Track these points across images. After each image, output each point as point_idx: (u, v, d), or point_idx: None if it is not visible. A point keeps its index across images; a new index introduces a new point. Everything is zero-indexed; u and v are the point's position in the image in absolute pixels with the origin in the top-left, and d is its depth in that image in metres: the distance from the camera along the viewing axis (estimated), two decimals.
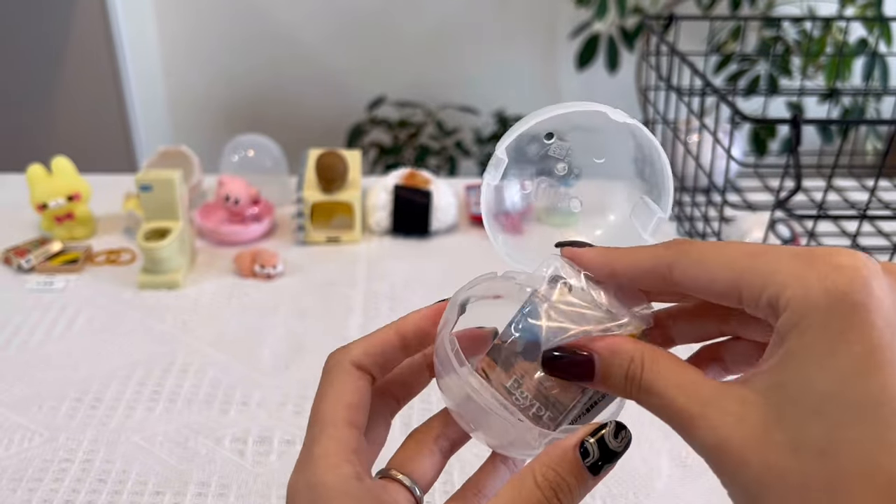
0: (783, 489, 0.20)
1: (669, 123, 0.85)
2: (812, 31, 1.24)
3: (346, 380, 0.30)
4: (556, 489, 0.24)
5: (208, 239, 0.78)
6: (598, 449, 0.25)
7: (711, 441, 0.22)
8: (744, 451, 0.21)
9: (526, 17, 1.71)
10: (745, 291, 0.23)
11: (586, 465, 0.25)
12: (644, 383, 0.24)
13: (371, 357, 0.30)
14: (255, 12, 1.69)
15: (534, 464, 0.25)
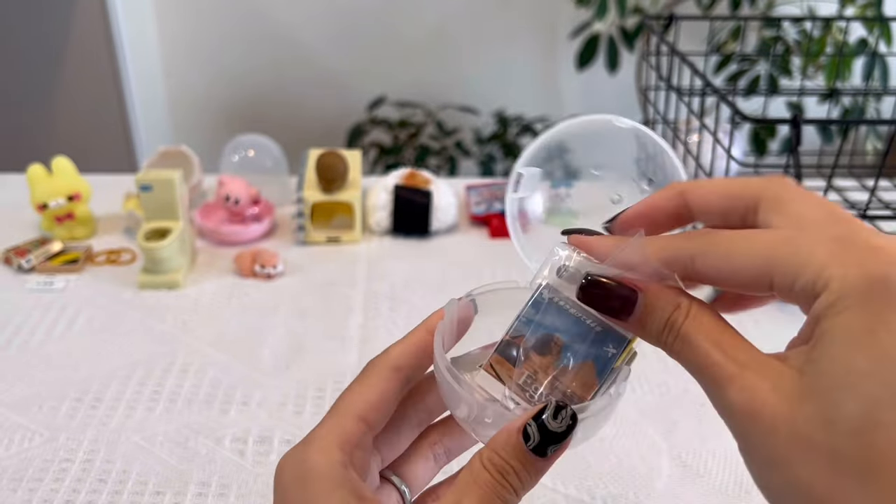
0: (811, 461, 0.20)
1: (669, 123, 0.85)
2: (812, 31, 1.24)
3: (374, 379, 0.29)
4: (503, 472, 0.25)
5: (208, 239, 0.78)
6: (538, 431, 0.25)
7: (742, 402, 0.22)
8: (775, 419, 0.21)
9: (526, 17, 1.71)
10: (777, 278, 0.23)
11: (529, 448, 0.25)
12: (683, 332, 0.24)
13: (408, 358, 0.30)
14: (256, 12, 1.69)
15: (482, 449, 0.26)
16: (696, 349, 0.24)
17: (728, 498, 0.49)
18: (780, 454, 0.21)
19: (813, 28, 1.24)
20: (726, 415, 0.23)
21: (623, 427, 0.54)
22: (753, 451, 0.22)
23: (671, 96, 0.82)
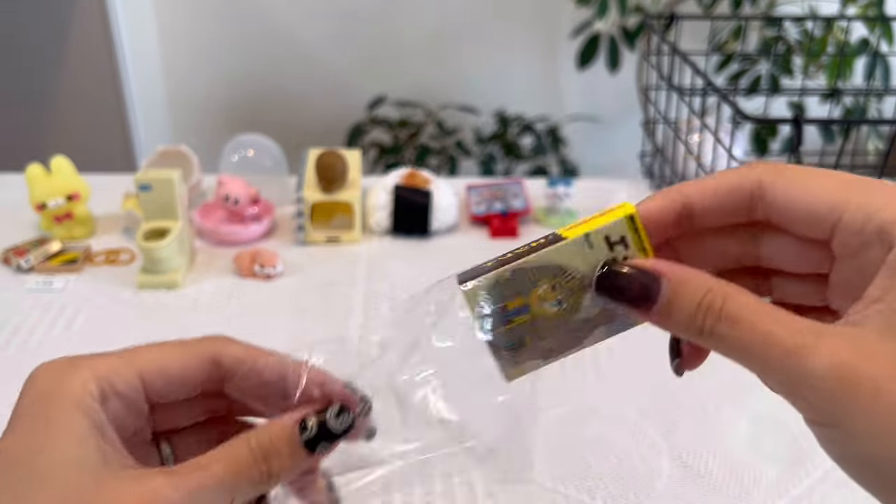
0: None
1: (671, 123, 0.85)
2: (813, 30, 1.24)
3: (188, 356, 0.27)
4: (267, 455, 0.25)
5: (208, 239, 0.78)
6: (317, 427, 0.26)
7: (831, 368, 0.20)
8: (878, 381, 0.20)
9: (526, 17, 1.71)
10: (846, 216, 0.22)
11: (303, 440, 0.25)
12: (727, 313, 0.22)
13: (238, 362, 0.28)
14: (256, 12, 1.69)
15: (256, 429, 0.26)
16: (752, 327, 0.22)
17: (729, 498, 0.48)
18: (886, 418, 0.20)
19: (814, 28, 1.23)
20: (808, 387, 0.21)
21: (623, 427, 0.54)
22: (851, 420, 0.20)
23: (672, 96, 0.82)
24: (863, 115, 1.24)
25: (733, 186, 0.24)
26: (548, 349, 0.27)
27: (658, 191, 0.26)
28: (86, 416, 0.24)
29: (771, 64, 1.28)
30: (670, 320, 0.24)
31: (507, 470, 0.28)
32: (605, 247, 0.25)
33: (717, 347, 0.23)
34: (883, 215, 0.21)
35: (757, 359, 0.22)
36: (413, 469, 0.30)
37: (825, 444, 0.22)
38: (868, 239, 0.22)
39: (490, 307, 0.27)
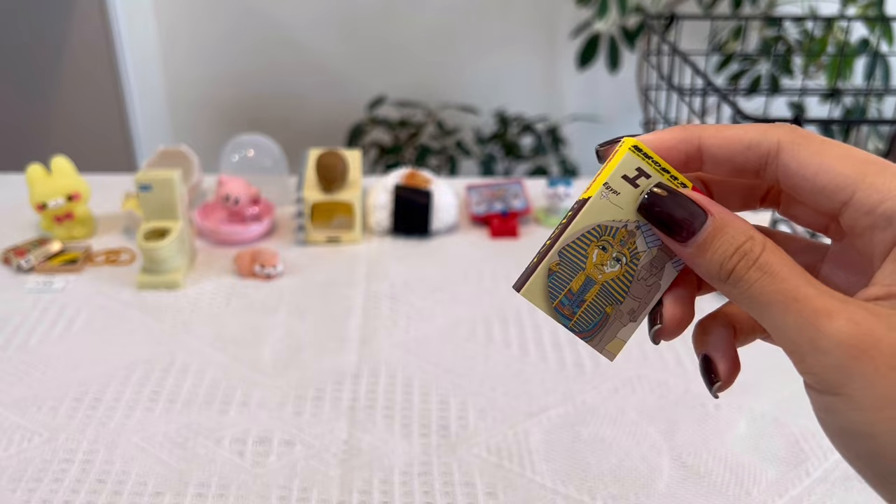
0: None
1: (671, 123, 0.85)
2: (813, 30, 1.24)
3: None
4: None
5: (208, 239, 0.78)
6: None
7: (851, 334, 0.20)
8: (893, 355, 0.20)
9: (527, 17, 1.71)
10: (859, 194, 0.22)
11: None
12: (763, 261, 0.22)
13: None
14: (256, 12, 1.69)
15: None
16: (783, 279, 0.22)
17: (729, 499, 0.48)
18: (893, 391, 0.20)
19: (814, 28, 1.23)
20: (821, 350, 0.21)
21: (623, 427, 0.54)
22: (859, 389, 0.20)
23: (672, 96, 0.82)
24: (863, 115, 1.24)
25: (752, 142, 0.24)
26: (632, 309, 0.27)
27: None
28: None
29: (771, 64, 1.28)
30: (704, 257, 0.23)
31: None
32: (629, 186, 0.25)
33: (741, 294, 0.23)
34: (893, 203, 0.21)
35: (780, 312, 0.22)
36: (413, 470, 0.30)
37: (822, 413, 0.22)
38: (877, 221, 0.22)
39: (556, 297, 0.26)
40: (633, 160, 0.25)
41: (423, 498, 0.48)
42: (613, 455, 0.51)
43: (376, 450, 0.51)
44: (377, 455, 0.51)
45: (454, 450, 0.51)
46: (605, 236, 0.26)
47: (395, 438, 0.52)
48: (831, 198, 0.22)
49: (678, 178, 0.25)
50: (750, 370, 0.62)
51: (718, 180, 0.26)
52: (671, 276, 0.26)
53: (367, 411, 0.55)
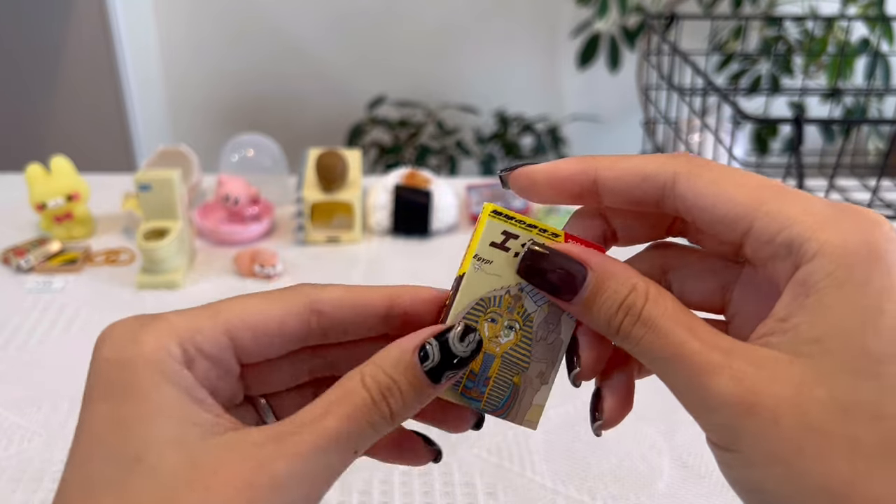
0: (826, 451, 0.18)
1: (671, 123, 0.85)
2: (814, 30, 1.24)
3: (280, 306, 0.24)
4: (386, 392, 0.22)
5: (207, 239, 0.78)
6: (439, 352, 0.22)
7: (736, 393, 0.19)
8: (777, 409, 0.19)
9: (527, 16, 1.70)
10: (758, 223, 0.21)
11: (424, 370, 0.22)
12: (646, 316, 0.21)
13: (342, 309, 0.24)
14: (256, 11, 1.69)
15: (365, 364, 0.22)
16: (665, 335, 0.21)
17: (729, 499, 0.48)
18: (784, 447, 0.19)
19: (815, 27, 1.23)
20: (710, 408, 0.20)
21: (624, 428, 0.54)
22: (748, 446, 0.20)
23: (672, 95, 0.82)
24: (863, 114, 1.24)
25: (649, 174, 0.23)
26: (540, 372, 0.26)
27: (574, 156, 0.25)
28: (172, 383, 0.21)
29: (771, 64, 1.28)
30: (590, 314, 0.23)
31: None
32: (500, 251, 0.25)
33: (633, 350, 0.22)
34: (796, 229, 0.20)
35: (669, 369, 0.21)
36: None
37: (722, 467, 0.21)
38: (777, 251, 0.20)
39: (459, 382, 0.25)
40: (496, 225, 0.24)
41: (423, 498, 0.47)
42: (614, 455, 0.51)
43: None
44: None
45: (454, 450, 0.51)
46: (490, 308, 0.25)
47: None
48: (731, 228, 0.21)
49: (547, 229, 0.25)
50: None
51: (622, 211, 0.25)
52: (570, 326, 0.25)
53: None
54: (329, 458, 0.21)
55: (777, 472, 0.19)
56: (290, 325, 0.24)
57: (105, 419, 0.20)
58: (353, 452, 0.22)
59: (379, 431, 0.22)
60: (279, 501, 0.20)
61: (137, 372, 0.21)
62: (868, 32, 1.24)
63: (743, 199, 0.21)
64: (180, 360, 0.21)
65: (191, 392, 0.21)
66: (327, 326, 0.24)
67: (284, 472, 0.20)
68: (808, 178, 0.86)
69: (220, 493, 0.19)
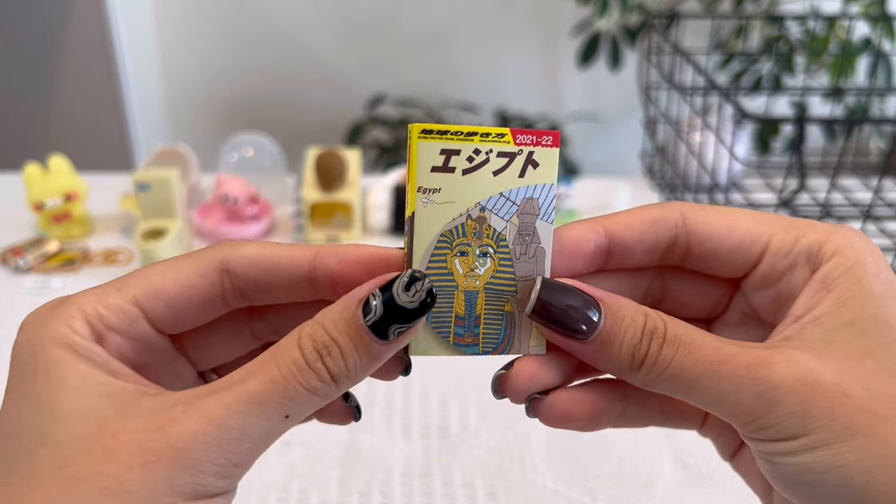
0: (893, 413, 0.20)
1: (672, 122, 0.85)
2: (815, 29, 1.23)
3: (188, 268, 0.23)
4: (322, 352, 0.20)
5: (206, 238, 0.78)
6: (382, 304, 0.20)
7: (796, 376, 0.20)
8: (841, 383, 0.20)
9: (527, 15, 1.70)
10: (776, 237, 0.22)
11: (367, 325, 0.20)
12: (672, 335, 0.21)
13: (254, 266, 0.23)
14: (255, 10, 1.68)
15: (308, 322, 0.21)
16: (700, 347, 0.21)
17: (730, 500, 0.48)
18: (860, 418, 0.19)
19: (816, 26, 1.23)
20: (772, 401, 0.20)
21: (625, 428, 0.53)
22: (821, 426, 0.20)
23: (673, 95, 0.82)
24: (865, 114, 1.24)
25: (657, 217, 0.23)
26: (530, 290, 0.23)
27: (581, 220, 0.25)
28: (81, 359, 0.20)
29: (773, 63, 1.28)
30: (611, 350, 0.21)
31: None
32: (446, 173, 0.22)
33: (659, 377, 0.21)
34: (810, 237, 0.22)
35: (711, 380, 0.20)
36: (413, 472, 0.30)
37: (779, 458, 0.20)
38: (797, 259, 0.22)
39: (448, 333, 0.23)
40: (431, 146, 0.22)
41: (423, 499, 0.47)
42: (615, 456, 0.51)
43: (376, 451, 0.51)
44: (377, 456, 0.50)
45: (455, 451, 0.51)
46: (456, 241, 0.22)
47: (395, 439, 0.52)
48: (748, 249, 0.23)
49: (490, 132, 0.22)
50: None
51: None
52: (548, 231, 0.23)
53: (367, 412, 0.54)
54: (247, 422, 0.20)
55: (856, 444, 0.19)
56: (199, 286, 0.22)
57: (17, 402, 0.20)
58: (283, 418, 0.20)
59: (320, 395, 0.21)
60: (181, 465, 0.19)
61: (45, 352, 0.20)
62: (870, 31, 1.23)
63: (753, 223, 0.23)
64: (88, 336, 0.21)
65: (106, 365, 0.21)
66: (242, 286, 0.23)
67: (187, 435, 0.19)
68: (809, 178, 0.86)
69: (117, 456, 0.19)
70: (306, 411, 0.21)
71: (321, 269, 0.23)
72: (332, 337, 0.20)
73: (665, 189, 0.89)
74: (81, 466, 0.19)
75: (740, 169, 0.89)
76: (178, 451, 0.19)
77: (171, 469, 0.19)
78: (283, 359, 0.20)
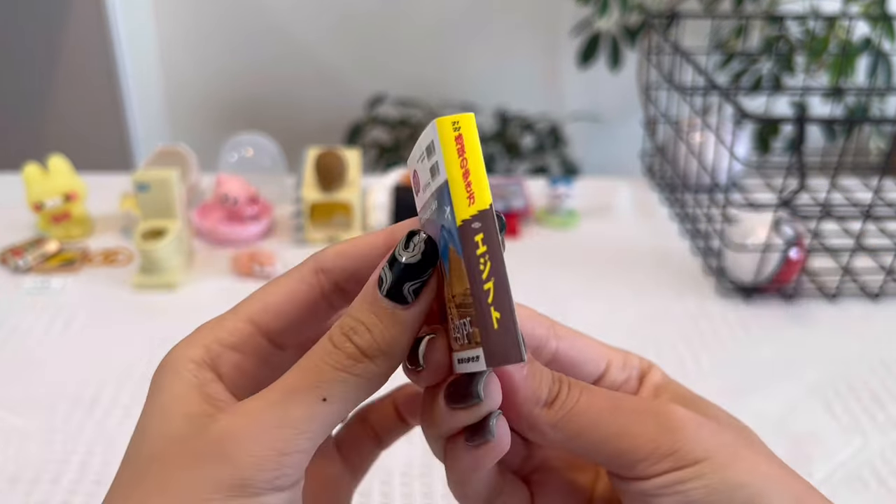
0: (772, 483, 0.22)
1: (672, 122, 0.85)
2: (815, 29, 1.23)
3: (286, 279, 0.24)
4: (349, 332, 0.21)
5: (206, 239, 0.78)
6: (390, 270, 0.21)
7: (688, 414, 0.23)
8: (737, 453, 0.23)
9: (527, 15, 1.70)
10: (614, 359, 0.27)
11: (384, 294, 0.21)
12: (574, 382, 0.23)
13: (343, 259, 0.24)
14: (255, 9, 1.68)
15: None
16: (602, 392, 0.24)
17: None
18: (736, 448, 0.23)
19: (816, 26, 1.23)
20: (677, 428, 0.23)
21: None
22: (718, 449, 0.23)
23: (673, 95, 0.82)
24: (865, 114, 1.24)
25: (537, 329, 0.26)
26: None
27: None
28: (181, 381, 0.22)
29: (773, 63, 1.28)
30: (516, 409, 0.23)
31: None
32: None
33: (569, 414, 0.23)
34: (635, 360, 0.27)
35: (616, 415, 0.23)
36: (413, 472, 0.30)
37: (686, 484, 0.22)
38: (630, 374, 0.27)
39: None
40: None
41: (423, 500, 0.47)
42: None
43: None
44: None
45: None
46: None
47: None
48: (591, 368, 0.27)
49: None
50: (751, 373, 0.61)
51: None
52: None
53: None
54: (285, 411, 0.21)
55: (745, 467, 0.22)
56: (301, 290, 0.24)
57: (137, 428, 0.23)
58: (320, 400, 0.21)
59: (354, 372, 0.21)
60: (220, 460, 0.20)
61: (162, 378, 0.23)
62: (870, 31, 1.23)
63: (596, 349, 0.28)
64: (200, 360, 0.23)
65: (202, 387, 0.22)
66: (338, 281, 0.24)
67: (222, 430, 0.20)
68: (809, 178, 0.86)
69: (164, 464, 0.21)
70: (350, 393, 0.22)
71: (394, 240, 0.23)
72: (356, 318, 0.22)
73: (665, 189, 0.89)
74: (138, 479, 0.21)
75: (740, 169, 0.89)
76: (214, 447, 0.20)
77: (210, 465, 0.20)
78: (315, 350, 0.22)
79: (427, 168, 0.22)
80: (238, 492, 0.20)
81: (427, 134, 0.22)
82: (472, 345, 0.20)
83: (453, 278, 0.21)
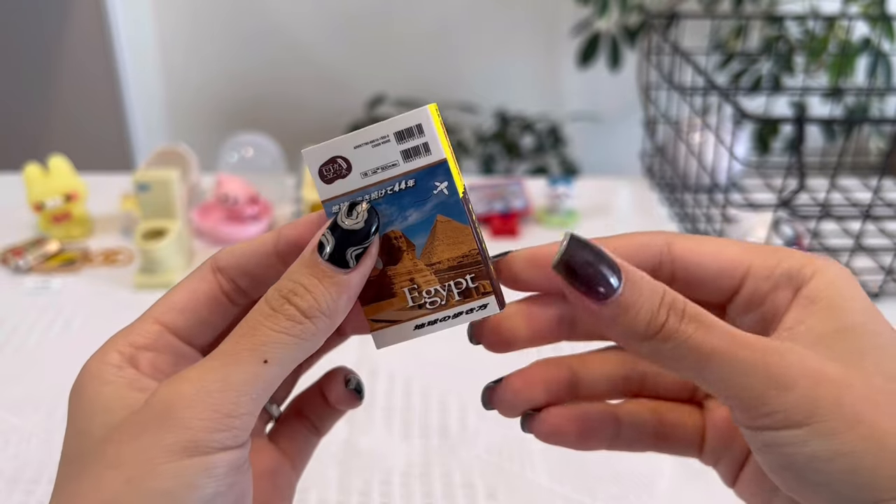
0: (891, 410, 0.21)
1: (672, 122, 0.85)
2: (815, 29, 1.23)
3: (188, 280, 0.25)
4: (289, 296, 0.22)
5: (206, 239, 0.78)
6: (332, 235, 0.22)
7: (806, 364, 0.21)
8: (845, 376, 0.21)
9: (527, 15, 1.70)
10: (757, 261, 0.24)
11: (325, 259, 0.22)
12: (692, 312, 0.21)
13: (239, 258, 0.25)
14: (255, 9, 1.68)
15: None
16: (718, 326, 0.21)
17: (730, 499, 0.48)
18: (864, 407, 0.20)
19: (816, 26, 1.23)
20: (785, 386, 0.21)
21: None
22: (829, 413, 0.20)
23: (673, 95, 0.82)
24: (865, 114, 1.24)
25: (642, 243, 0.25)
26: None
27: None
28: (108, 384, 0.23)
29: (772, 63, 1.28)
30: (627, 315, 0.22)
31: None
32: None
33: (673, 350, 0.22)
34: (790, 261, 0.23)
35: (725, 360, 0.21)
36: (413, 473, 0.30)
37: (785, 447, 0.21)
38: (778, 281, 0.23)
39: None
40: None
41: (422, 500, 0.47)
42: (614, 455, 0.51)
43: (375, 450, 0.51)
44: (376, 456, 0.50)
45: (454, 451, 0.51)
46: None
47: (395, 439, 0.52)
48: (732, 274, 0.24)
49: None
50: None
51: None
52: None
53: (367, 412, 0.54)
54: (225, 374, 0.21)
55: (862, 432, 0.20)
56: (201, 289, 0.25)
57: (71, 437, 0.23)
58: (261, 362, 0.22)
59: (293, 333, 0.22)
60: (166, 426, 0.21)
61: (82, 389, 0.23)
62: (869, 31, 1.23)
63: (735, 249, 0.24)
64: (119, 362, 0.23)
65: (132, 384, 0.23)
66: (234, 277, 0.25)
67: (165, 399, 0.21)
68: (809, 178, 0.86)
69: (114, 442, 0.21)
70: (291, 354, 0.22)
71: (282, 239, 0.25)
72: (296, 280, 0.22)
73: (665, 189, 0.89)
74: (88, 462, 0.22)
75: (740, 169, 0.89)
76: (160, 414, 0.21)
77: (156, 432, 0.21)
78: (252, 315, 0.22)
79: (396, 150, 0.23)
80: (190, 452, 0.21)
81: (408, 118, 0.23)
82: (465, 300, 0.24)
83: (437, 247, 0.24)
